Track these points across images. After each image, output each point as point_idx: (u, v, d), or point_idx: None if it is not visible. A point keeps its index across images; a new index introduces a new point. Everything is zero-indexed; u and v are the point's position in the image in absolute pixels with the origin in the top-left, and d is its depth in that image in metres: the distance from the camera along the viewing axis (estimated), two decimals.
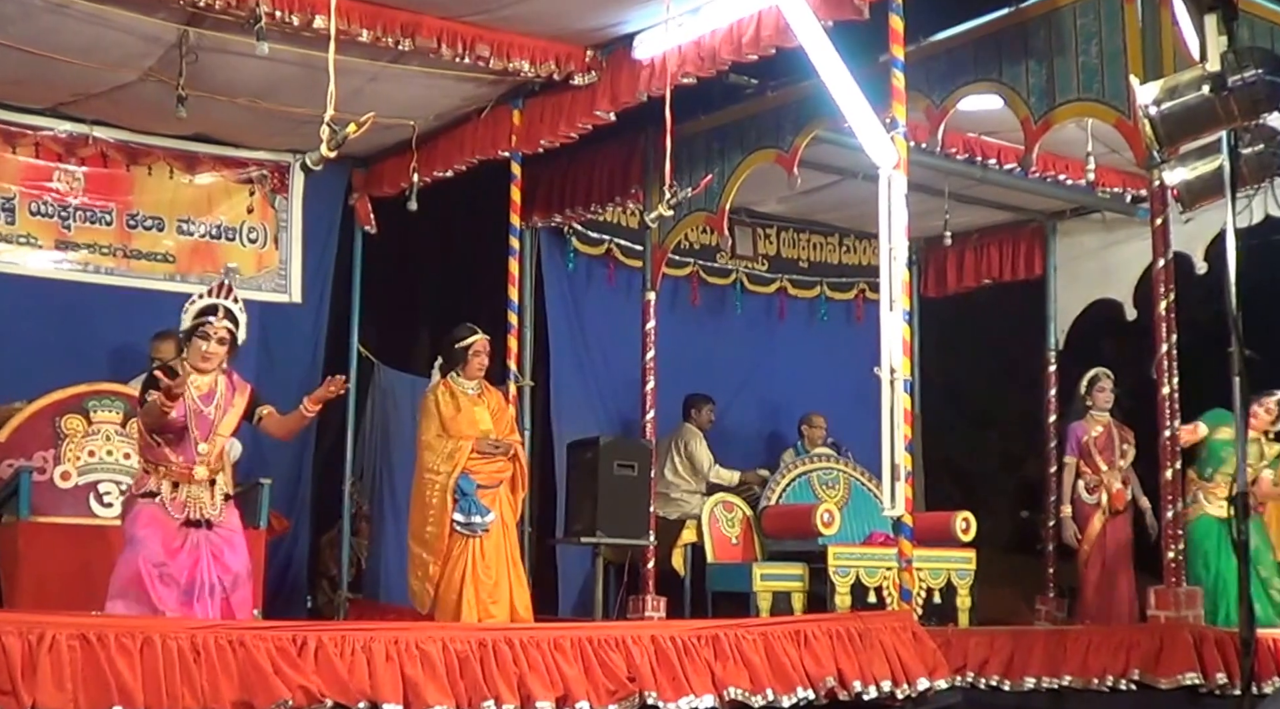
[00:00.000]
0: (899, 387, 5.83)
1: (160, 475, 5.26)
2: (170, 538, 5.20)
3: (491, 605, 6.61)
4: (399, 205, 8.52)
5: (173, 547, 5.19)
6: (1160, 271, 6.38)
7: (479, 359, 6.86)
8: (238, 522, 5.45)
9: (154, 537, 5.17)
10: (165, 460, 5.27)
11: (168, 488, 5.25)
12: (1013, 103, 6.75)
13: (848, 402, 9.68)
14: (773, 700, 5.09)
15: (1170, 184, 5.58)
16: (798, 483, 9.05)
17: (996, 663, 6.27)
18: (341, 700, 4.37)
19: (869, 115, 6.12)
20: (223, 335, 5.37)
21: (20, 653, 3.99)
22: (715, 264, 10.35)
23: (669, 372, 8.66)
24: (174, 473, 5.26)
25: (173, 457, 5.27)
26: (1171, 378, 6.33)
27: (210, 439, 5.33)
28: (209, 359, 5.35)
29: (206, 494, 5.30)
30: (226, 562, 5.30)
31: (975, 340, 11.30)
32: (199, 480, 5.27)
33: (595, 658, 4.86)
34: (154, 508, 5.23)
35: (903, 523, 5.84)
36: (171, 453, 5.27)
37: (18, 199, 8.14)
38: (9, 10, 6.58)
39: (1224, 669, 5.70)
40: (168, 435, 5.27)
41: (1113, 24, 6.38)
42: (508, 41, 7.21)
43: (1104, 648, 6.04)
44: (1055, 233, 10.08)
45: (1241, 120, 4.76)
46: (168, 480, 5.26)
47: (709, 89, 7.67)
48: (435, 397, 6.82)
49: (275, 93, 7.64)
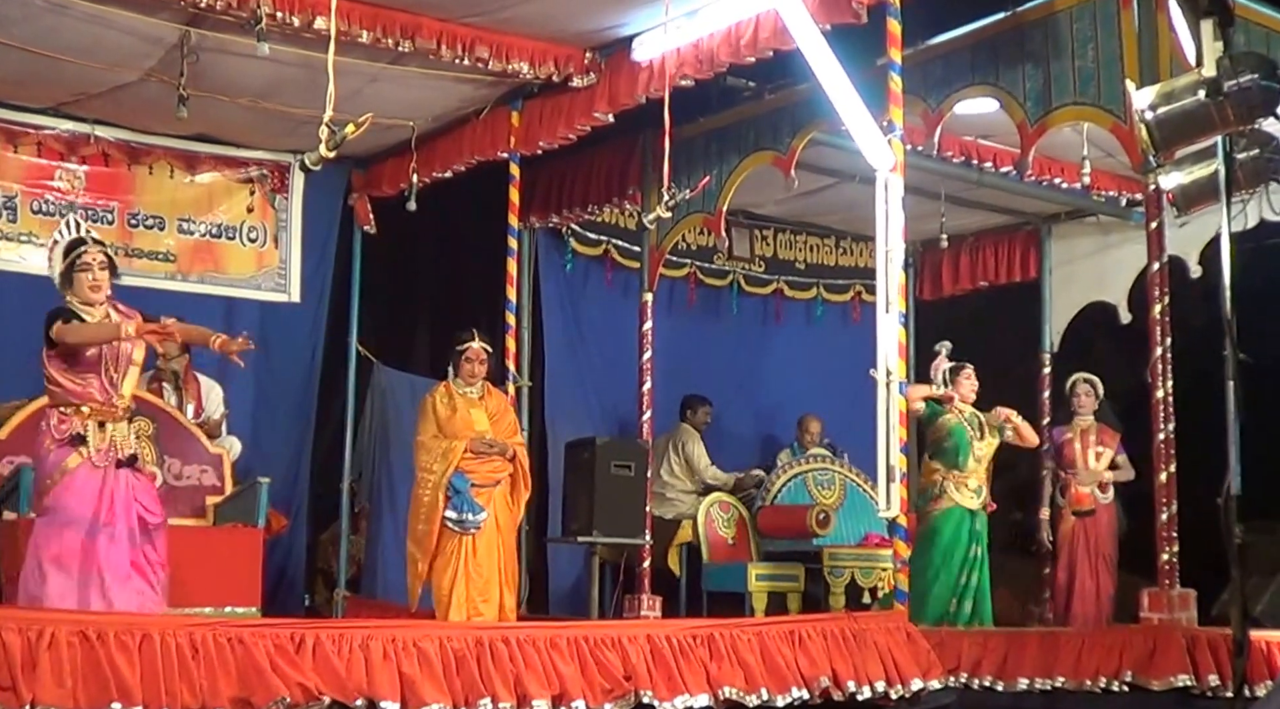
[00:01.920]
0: (894, 388, 5.86)
1: (85, 416, 5.18)
2: (98, 493, 5.14)
3: (481, 604, 6.68)
4: (398, 206, 8.54)
5: (105, 499, 5.14)
6: (1155, 275, 6.41)
7: (469, 365, 6.92)
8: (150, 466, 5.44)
9: (79, 499, 5.11)
10: (89, 398, 5.18)
11: (94, 429, 5.18)
12: (1009, 106, 6.78)
13: (843, 403, 9.70)
14: (767, 700, 5.11)
15: (1165, 188, 5.60)
16: (793, 483, 9.07)
17: (990, 664, 6.30)
18: (339, 698, 4.39)
19: (866, 118, 6.14)
20: (102, 261, 5.29)
21: (20, 649, 4.01)
22: (712, 265, 10.38)
23: (666, 372, 8.69)
24: (99, 412, 5.19)
25: (98, 394, 5.20)
26: (1166, 381, 6.36)
27: (125, 370, 5.27)
28: (98, 288, 5.25)
29: (126, 429, 5.26)
30: (148, 505, 5.26)
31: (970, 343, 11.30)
32: (120, 416, 5.23)
33: (591, 657, 4.89)
34: (79, 473, 5.13)
35: (898, 524, 5.87)
36: (96, 391, 5.20)
37: (19, 198, 8.17)
38: (11, 11, 6.61)
39: (1216, 671, 5.73)
40: (84, 373, 5.19)
41: (1109, 29, 6.40)
42: (507, 43, 7.23)
43: (1097, 649, 6.07)
44: (1050, 236, 10.11)
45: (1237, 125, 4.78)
46: (93, 420, 5.18)
47: (707, 91, 7.71)
48: (433, 398, 6.91)
49: (275, 93, 7.67)
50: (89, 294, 5.24)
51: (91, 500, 5.13)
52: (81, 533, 5.10)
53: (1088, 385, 8.49)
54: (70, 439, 5.17)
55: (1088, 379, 8.49)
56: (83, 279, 5.24)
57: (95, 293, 5.25)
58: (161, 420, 7.10)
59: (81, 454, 5.16)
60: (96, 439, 5.18)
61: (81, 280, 5.24)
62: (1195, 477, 7.01)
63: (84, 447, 5.16)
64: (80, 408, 5.19)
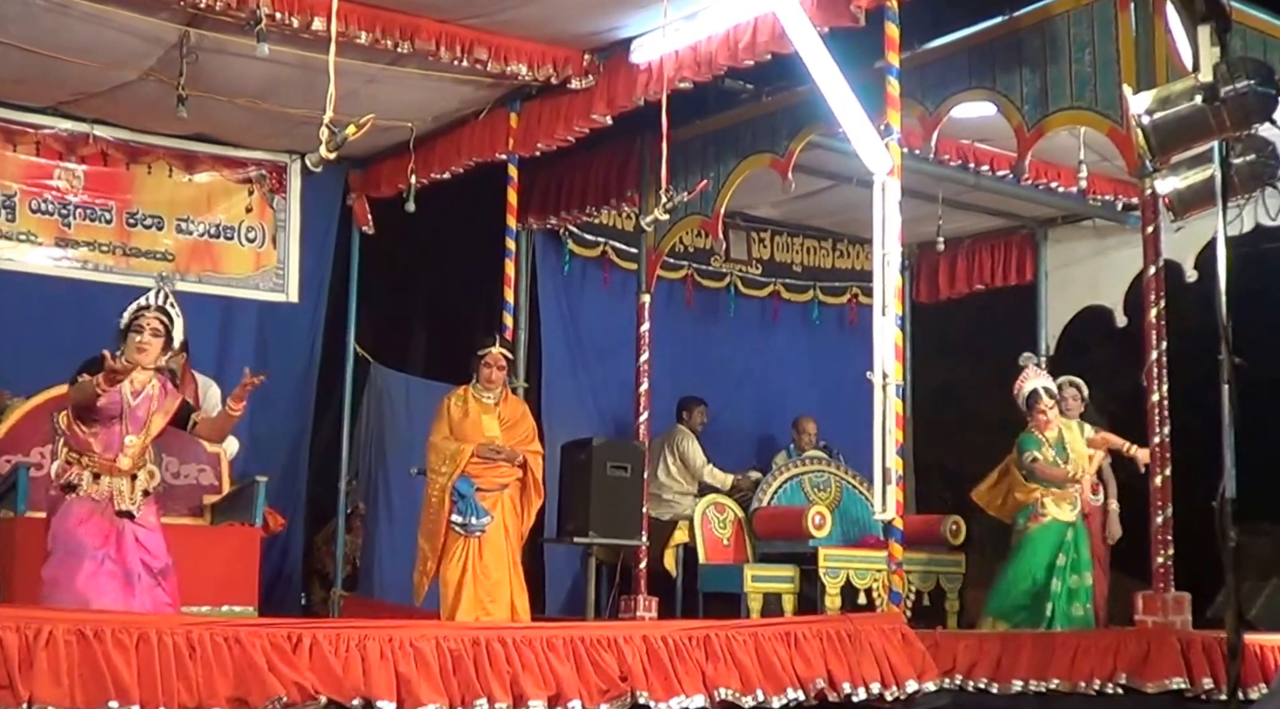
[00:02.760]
0: (891, 391, 5.87)
1: (82, 466, 5.26)
2: (98, 528, 5.23)
3: (490, 604, 6.74)
4: (396, 206, 8.55)
5: (104, 535, 5.22)
6: (1151, 279, 6.42)
7: (488, 370, 7.00)
8: (156, 520, 5.44)
9: (75, 533, 5.20)
10: (89, 450, 5.28)
11: (89, 478, 5.26)
12: (1006, 110, 6.80)
13: (840, 405, 9.73)
14: (763, 701, 5.12)
15: (1162, 193, 5.62)
16: (789, 485, 9.08)
17: (984, 665, 6.31)
18: (336, 697, 4.40)
19: (864, 121, 6.16)
20: (156, 328, 5.39)
21: (17, 648, 4.02)
22: (709, 267, 10.40)
23: (663, 374, 8.71)
24: (96, 463, 5.27)
25: (97, 447, 5.29)
26: (1161, 385, 6.37)
27: (140, 433, 5.35)
28: (144, 350, 5.35)
29: (126, 487, 5.31)
30: (153, 550, 5.33)
31: (966, 345, 11.34)
32: (121, 472, 5.29)
33: (587, 657, 4.90)
34: (83, 504, 5.23)
35: (893, 526, 5.88)
36: (96, 443, 5.29)
37: (18, 196, 8.18)
38: (11, 10, 6.62)
39: (1210, 674, 5.75)
40: (94, 427, 5.28)
41: (1106, 33, 6.43)
42: (506, 45, 7.24)
43: (1091, 651, 6.09)
44: (1047, 240, 10.13)
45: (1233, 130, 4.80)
46: (89, 471, 5.26)
47: (705, 94, 7.73)
48: (449, 400, 7.03)
49: (274, 94, 7.68)
50: (135, 355, 5.37)
51: (90, 534, 5.22)
52: (80, 562, 5.18)
53: (1074, 389, 8.48)
54: (63, 487, 5.28)
55: (1074, 383, 8.49)
56: (132, 339, 5.38)
57: (140, 355, 5.37)
58: None
59: (83, 497, 5.27)
60: (90, 489, 5.27)
61: (131, 340, 5.38)
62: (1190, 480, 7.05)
63: (73, 494, 5.26)
64: (81, 458, 5.30)
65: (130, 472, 5.32)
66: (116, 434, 5.33)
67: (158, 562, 5.35)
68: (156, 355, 5.43)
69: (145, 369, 5.39)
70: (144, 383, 5.40)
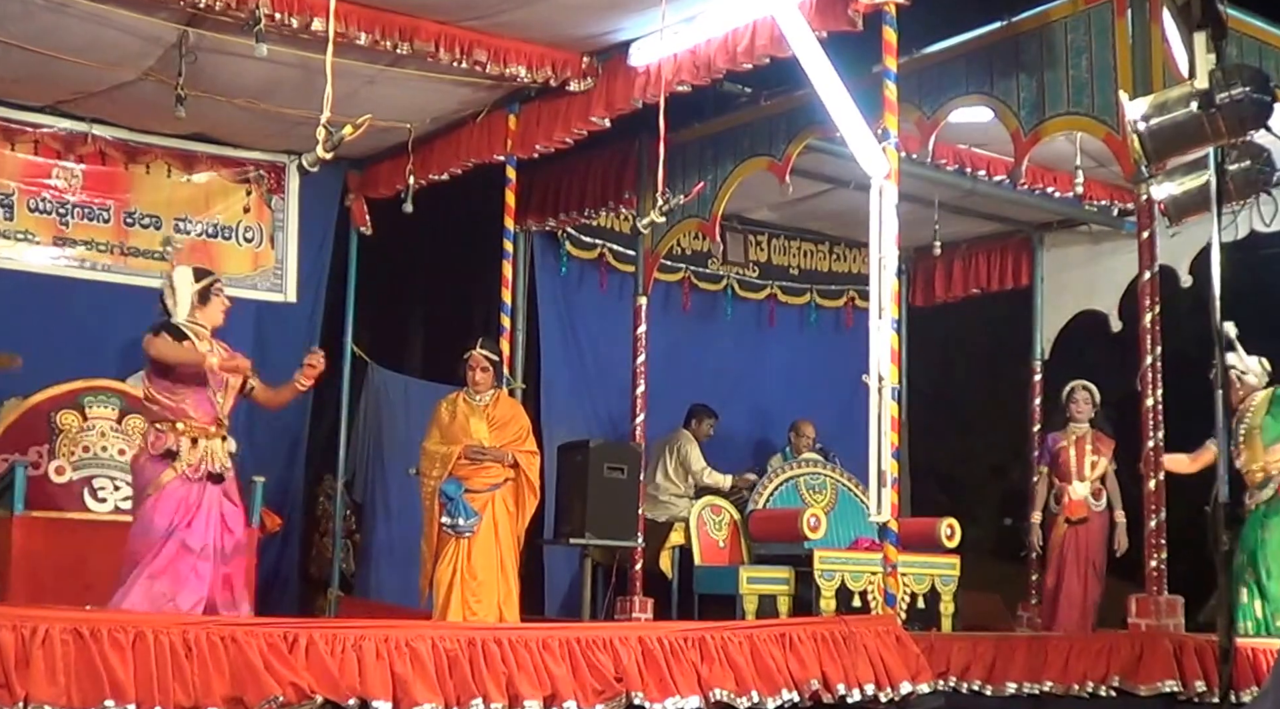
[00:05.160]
0: (887, 394, 5.88)
1: (179, 432, 5.43)
2: (182, 504, 5.39)
3: (475, 605, 6.78)
4: (394, 207, 8.56)
5: (190, 513, 5.38)
6: (1146, 284, 6.44)
7: (471, 372, 7.07)
8: (237, 494, 5.67)
9: (162, 513, 5.36)
10: (184, 415, 5.46)
11: (187, 444, 5.43)
12: (1003, 115, 6.82)
13: (836, 408, 9.76)
14: (757, 702, 5.13)
15: (1157, 198, 5.62)
16: (785, 487, 9.09)
17: (979, 668, 6.32)
18: (332, 697, 4.40)
19: (861, 125, 6.17)
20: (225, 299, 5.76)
21: (13, 647, 4.01)
22: (707, 270, 10.41)
23: (659, 376, 8.72)
24: (193, 428, 5.46)
25: (191, 411, 5.47)
26: (1156, 389, 6.39)
27: (225, 391, 5.58)
28: (225, 312, 5.70)
29: (220, 449, 5.53)
30: (231, 526, 5.52)
31: (962, 349, 11.38)
32: (212, 434, 5.50)
33: (583, 658, 4.90)
34: (170, 488, 5.39)
35: (888, 528, 5.89)
36: (191, 409, 5.47)
37: (16, 195, 8.19)
38: (10, 8, 6.62)
39: (1203, 677, 5.77)
40: (177, 392, 5.47)
41: (1103, 40, 6.44)
42: (505, 47, 7.26)
43: (1085, 655, 6.10)
44: (1043, 244, 10.16)
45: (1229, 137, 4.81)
46: (187, 436, 5.44)
47: (703, 97, 7.74)
48: (441, 405, 7.10)
49: (273, 94, 7.69)
50: (218, 318, 5.67)
51: (179, 515, 5.38)
52: (169, 545, 5.34)
53: (1086, 393, 8.51)
54: (164, 454, 5.43)
55: (1086, 387, 8.52)
56: (217, 303, 5.68)
57: (222, 316, 5.70)
58: None
59: (175, 469, 5.42)
60: (189, 455, 5.44)
61: (216, 305, 5.68)
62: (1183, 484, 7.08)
63: (176, 461, 5.42)
64: (175, 424, 5.45)
65: (221, 432, 5.56)
66: (205, 397, 5.53)
67: (231, 540, 5.52)
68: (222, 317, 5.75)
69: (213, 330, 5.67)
70: (244, 365, 5.66)
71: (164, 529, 5.34)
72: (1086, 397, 8.50)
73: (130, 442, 6.94)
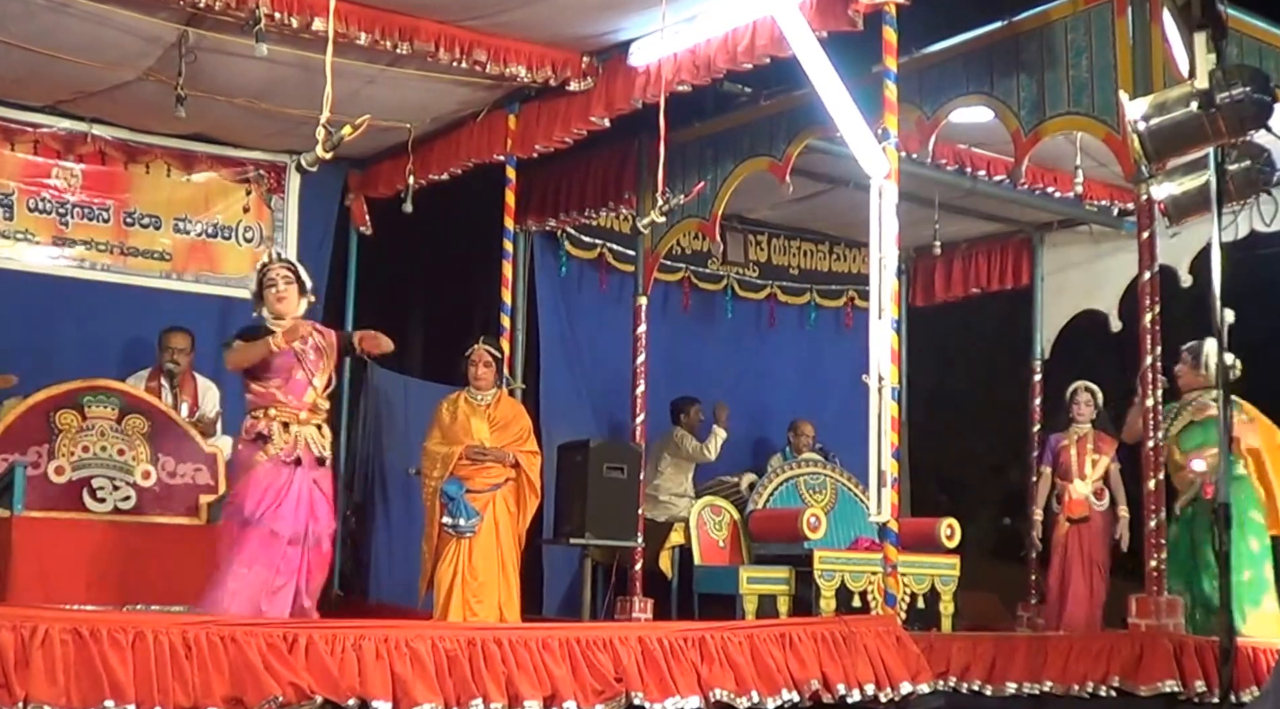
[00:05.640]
0: (887, 394, 5.88)
1: (270, 418, 5.52)
2: (270, 489, 5.45)
3: (476, 605, 6.78)
4: (394, 207, 8.57)
5: (276, 496, 5.44)
6: (1146, 284, 6.44)
7: (474, 368, 7.07)
8: (330, 485, 5.71)
9: (251, 498, 5.44)
10: (274, 401, 5.54)
11: (278, 429, 5.52)
12: (1003, 115, 6.82)
13: (836, 408, 9.76)
14: (757, 702, 5.13)
15: (1157, 198, 5.64)
16: (785, 487, 9.10)
17: (979, 668, 6.32)
18: (331, 697, 4.40)
19: (861, 125, 6.17)
20: (286, 275, 5.70)
21: (13, 647, 4.01)
22: (706, 270, 10.41)
23: (659, 376, 8.73)
24: (285, 413, 5.53)
25: (282, 397, 5.55)
26: (1155, 389, 6.39)
27: (319, 376, 5.65)
28: (284, 298, 5.66)
29: (316, 434, 5.61)
30: (319, 514, 5.57)
31: (962, 349, 11.38)
32: (305, 420, 5.57)
33: (583, 658, 4.90)
34: (259, 470, 5.47)
35: (888, 528, 5.89)
36: (281, 394, 5.54)
37: (16, 195, 8.19)
38: (11, 8, 6.63)
39: (1203, 677, 5.77)
40: (271, 380, 5.55)
41: (1103, 39, 6.44)
42: (505, 47, 7.26)
43: (1085, 655, 6.10)
44: (1043, 244, 10.16)
45: (1228, 137, 4.82)
46: (278, 421, 5.52)
47: (703, 97, 7.75)
48: (442, 405, 7.11)
49: (273, 94, 7.69)
50: (276, 306, 5.66)
51: (268, 498, 5.45)
52: (258, 530, 5.42)
53: (1088, 394, 8.51)
54: (254, 438, 5.53)
55: (1089, 388, 8.52)
56: (269, 295, 5.68)
57: (280, 304, 5.66)
58: (156, 418, 7.11)
59: (266, 453, 5.50)
60: (280, 439, 5.52)
61: (269, 296, 5.68)
62: None
63: (268, 445, 5.51)
64: (268, 410, 5.54)
65: (315, 417, 5.62)
66: (299, 383, 5.60)
67: (318, 526, 5.56)
68: (297, 301, 5.71)
69: (294, 319, 5.64)
70: (305, 330, 5.65)
71: (252, 514, 5.41)
72: (1089, 398, 8.50)
73: (130, 442, 6.94)
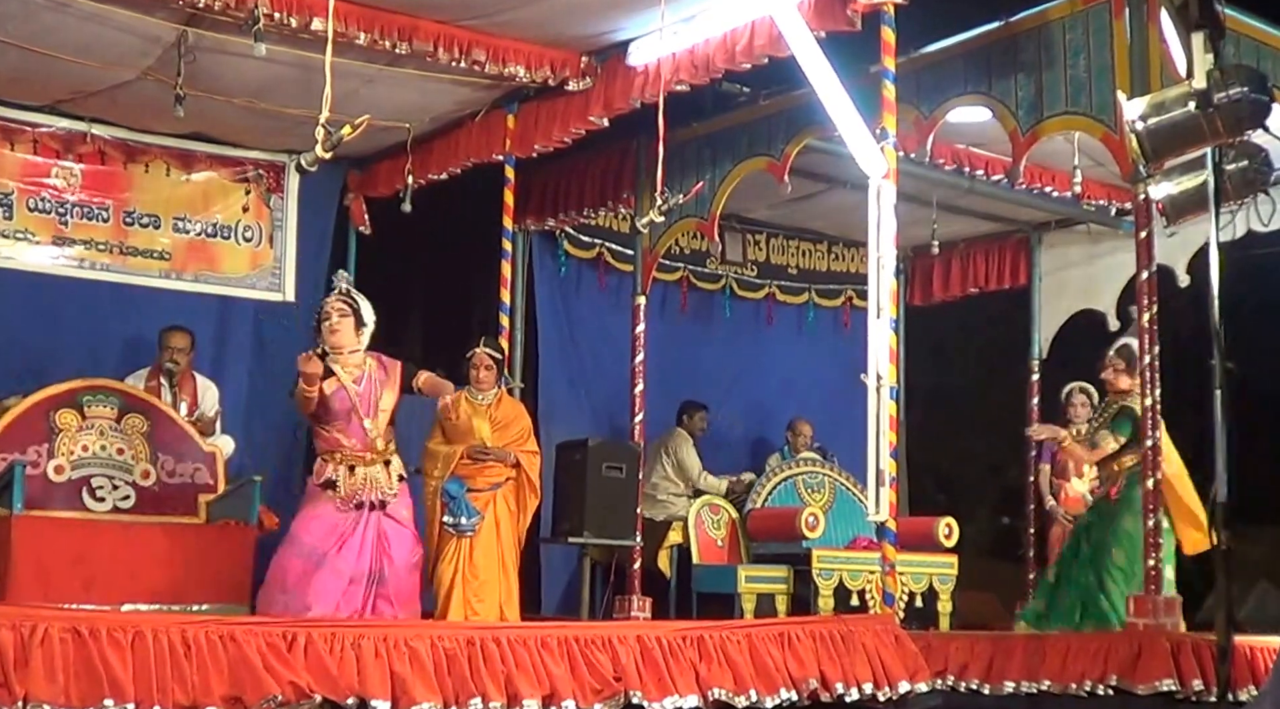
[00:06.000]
0: (885, 393, 5.89)
1: (337, 462, 5.58)
2: (335, 530, 5.49)
3: (477, 604, 6.80)
4: (393, 207, 8.57)
5: (340, 537, 5.48)
6: (1143, 284, 6.44)
7: (475, 371, 7.10)
8: (408, 511, 5.73)
9: (312, 532, 5.51)
10: (338, 446, 5.60)
11: (344, 473, 5.57)
12: (1001, 115, 6.83)
13: (834, 407, 9.77)
14: (756, 701, 5.13)
15: (1155, 198, 5.65)
16: (783, 487, 9.11)
17: (976, 667, 6.33)
18: (330, 696, 4.40)
19: (859, 125, 6.18)
20: (341, 309, 5.74)
21: (13, 645, 4.01)
22: (705, 269, 10.43)
23: (658, 375, 8.73)
24: (349, 456, 5.58)
25: (345, 440, 5.60)
26: (1154, 389, 6.40)
27: (374, 416, 5.65)
28: (336, 331, 5.68)
29: (383, 475, 5.63)
30: (392, 552, 5.59)
31: (960, 349, 11.39)
32: (371, 461, 5.60)
33: (581, 657, 4.90)
34: (319, 506, 5.54)
35: (886, 528, 5.90)
36: (344, 438, 5.60)
37: (15, 195, 8.19)
38: (10, 8, 6.63)
39: (1200, 676, 5.77)
40: (334, 424, 5.60)
41: (1101, 39, 6.45)
42: (504, 47, 7.27)
43: (1082, 654, 6.10)
44: (1040, 244, 10.18)
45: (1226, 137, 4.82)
46: (344, 465, 5.57)
47: (701, 96, 7.75)
48: (443, 405, 7.07)
49: (272, 93, 7.69)
50: (330, 339, 5.70)
51: (325, 536, 5.51)
52: (306, 564, 5.48)
53: (1083, 395, 8.54)
54: (323, 484, 5.60)
55: (1084, 388, 8.55)
56: (324, 328, 5.72)
57: (334, 336, 5.70)
58: (155, 418, 7.12)
59: (331, 497, 5.58)
60: (346, 484, 5.58)
61: (324, 329, 5.72)
62: None
63: (333, 491, 5.58)
64: (334, 454, 5.62)
65: (383, 457, 5.63)
66: (356, 425, 5.63)
67: (392, 565, 5.57)
68: (352, 335, 5.74)
69: (352, 352, 5.69)
70: (359, 366, 5.69)
71: (308, 547, 5.49)
72: (1084, 398, 8.53)
73: (129, 441, 6.95)
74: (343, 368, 5.71)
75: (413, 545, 5.78)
